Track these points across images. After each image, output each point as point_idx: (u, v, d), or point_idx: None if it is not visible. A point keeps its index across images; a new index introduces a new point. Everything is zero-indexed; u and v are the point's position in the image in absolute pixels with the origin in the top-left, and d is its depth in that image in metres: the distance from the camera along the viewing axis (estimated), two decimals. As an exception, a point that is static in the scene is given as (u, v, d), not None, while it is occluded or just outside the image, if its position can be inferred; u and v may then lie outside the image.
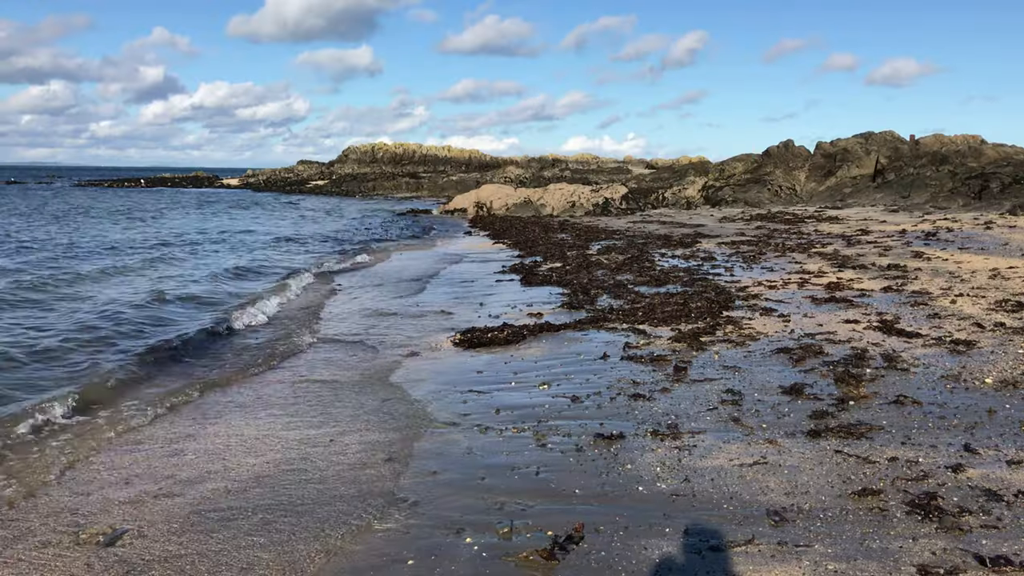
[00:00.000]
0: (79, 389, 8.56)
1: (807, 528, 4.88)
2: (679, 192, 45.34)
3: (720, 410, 7.25)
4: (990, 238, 19.55)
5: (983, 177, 31.52)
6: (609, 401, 7.72)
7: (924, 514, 4.94)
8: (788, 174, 41.66)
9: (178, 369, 10.04)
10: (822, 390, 7.67)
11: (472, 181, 74.86)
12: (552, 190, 44.13)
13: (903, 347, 9.12)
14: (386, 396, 8.48)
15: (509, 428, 7.12)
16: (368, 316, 13.44)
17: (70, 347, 10.84)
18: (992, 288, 12.45)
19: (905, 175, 36.44)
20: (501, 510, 5.41)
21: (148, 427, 7.68)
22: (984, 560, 4.35)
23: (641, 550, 4.71)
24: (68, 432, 7.43)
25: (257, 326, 12.86)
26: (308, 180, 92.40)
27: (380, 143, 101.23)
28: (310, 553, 4.93)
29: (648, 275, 15.77)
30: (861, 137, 42.06)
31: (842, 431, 6.50)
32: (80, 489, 6.10)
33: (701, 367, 8.77)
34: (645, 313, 11.83)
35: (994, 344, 9.02)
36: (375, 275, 19.57)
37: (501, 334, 10.93)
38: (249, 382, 9.38)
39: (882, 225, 24.96)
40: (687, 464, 6.03)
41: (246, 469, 6.44)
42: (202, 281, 18.03)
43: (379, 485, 5.99)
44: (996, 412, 6.83)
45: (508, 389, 8.49)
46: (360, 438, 7.11)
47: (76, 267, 20.18)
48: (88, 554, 4.99)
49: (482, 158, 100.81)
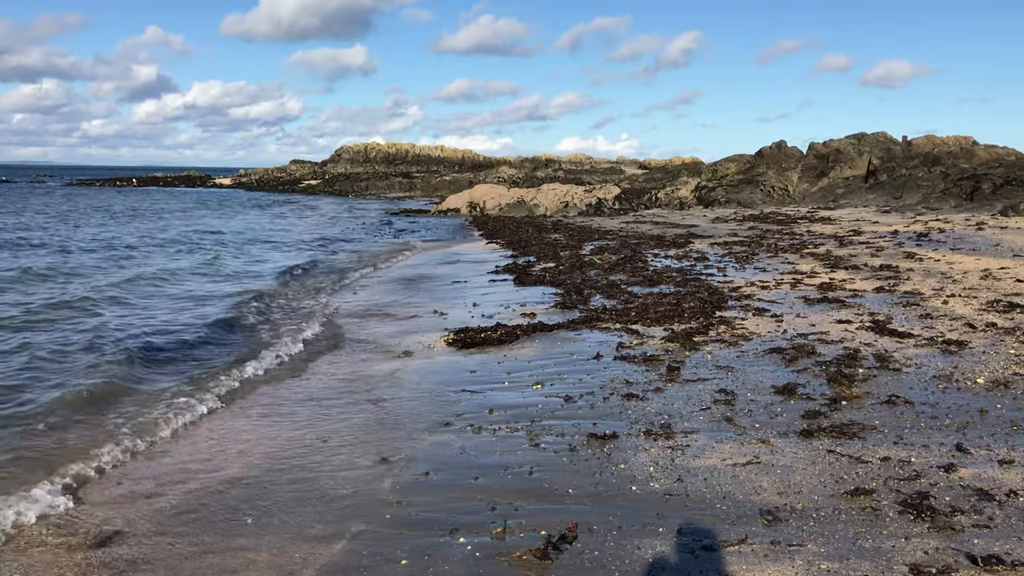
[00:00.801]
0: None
1: (800, 528, 4.89)
2: (672, 192, 45.40)
3: (713, 410, 7.26)
4: (982, 239, 19.63)
5: (975, 178, 31.65)
6: (602, 401, 7.72)
7: (916, 514, 4.96)
8: (781, 175, 41.75)
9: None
10: (815, 390, 7.69)
11: (465, 181, 74.86)
12: (545, 190, 44.16)
13: (895, 347, 9.15)
14: (379, 396, 8.46)
15: (502, 428, 7.11)
16: (360, 316, 13.42)
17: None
18: (984, 289, 12.50)
19: (897, 176, 36.57)
20: (494, 510, 5.40)
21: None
22: (976, 559, 4.36)
23: (635, 550, 4.71)
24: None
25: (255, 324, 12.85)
26: (301, 180, 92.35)
27: (373, 143, 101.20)
28: (302, 553, 4.92)
29: (641, 275, 15.78)
30: (854, 138, 42.18)
31: (835, 431, 6.52)
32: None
33: (694, 367, 8.77)
34: (638, 313, 11.84)
35: (986, 344, 9.05)
36: (368, 274, 19.55)
37: (495, 334, 10.92)
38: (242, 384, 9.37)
39: (874, 226, 25.04)
40: (680, 464, 6.03)
41: (235, 468, 6.42)
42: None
43: (372, 485, 5.98)
44: (988, 412, 6.85)
45: (501, 389, 8.48)
46: (353, 438, 7.10)
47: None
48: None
49: (475, 158, 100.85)
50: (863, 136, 42.20)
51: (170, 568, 4.80)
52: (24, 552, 5.11)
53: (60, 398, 8.29)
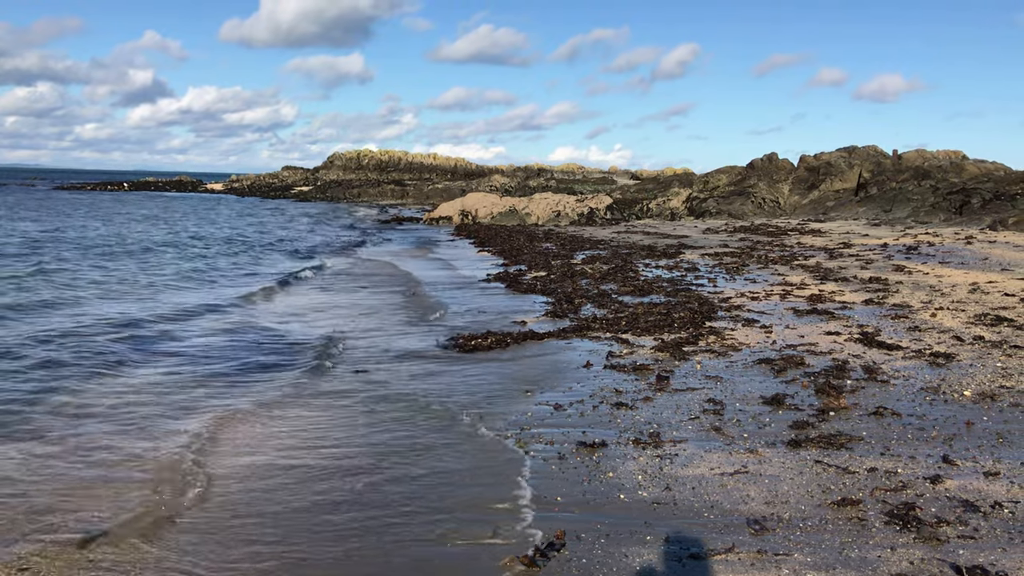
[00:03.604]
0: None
1: (787, 537, 4.91)
2: (663, 203, 45.54)
3: (702, 419, 7.29)
4: (970, 253, 19.76)
5: (964, 192, 31.86)
6: (592, 409, 7.74)
7: (902, 524, 4.99)
8: (772, 187, 41.95)
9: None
10: (803, 401, 7.72)
11: (457, 189, 74.84)
12: (537, 199, 44.21)
13: (883, 359, 9.20)
14: (370, 406, 8.45)
15: (491, 435, 7.12)
16: (351, 319, 13.40)
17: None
18: (972, 302, 12.58)
19: (887, 189, 36.78)
20: (483, 517, 5.40)
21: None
22: (961, 570, 4.39)
23: (622, 557, 4.73)
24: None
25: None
26: (292, 186, 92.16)
27: (365, 150, 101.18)
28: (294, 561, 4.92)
29: (632, 285, 15.83)
30: (844, 151, 42.45)
31: (822, 441, 6.55)
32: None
33: (683, 377, 8.80)
34: (628, 322, 11.87)
35: (973, 357, 9.11)
36: (359, 281, 19.51)
37: (485, 342, 10.94)
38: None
39: (864, 239, 25.17)
40: (668, 473, 6.05)
41: (231, 476, 6.41)
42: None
43: (361, 492, 5.97)
44: (974, 424, 6.90)
45: (491, 396, 8.48)
46: (346, 444, 7.09)
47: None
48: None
49: (468, 166, 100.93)
50: (854, 149, 42.50)
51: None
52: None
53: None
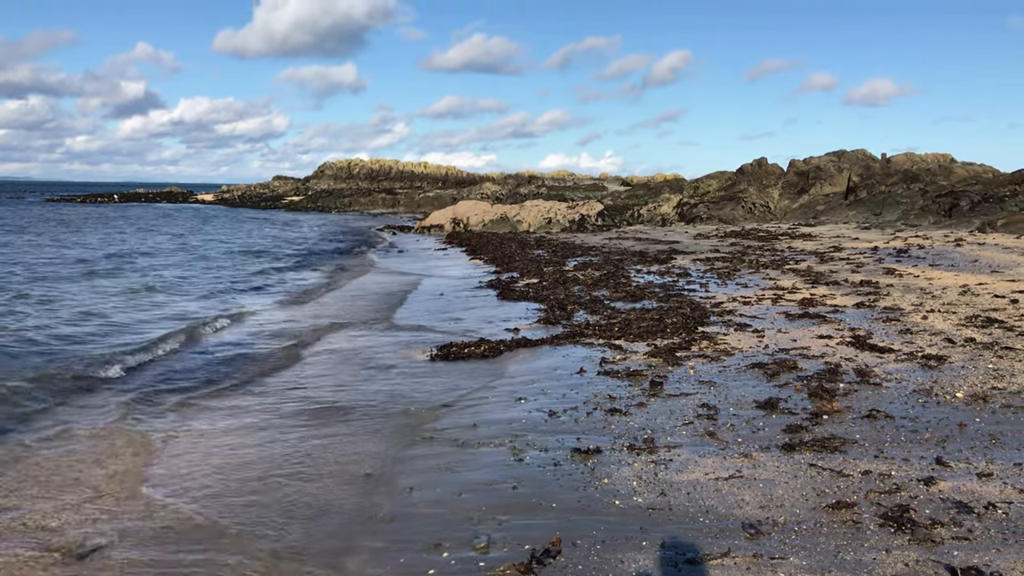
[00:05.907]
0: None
1: (782, 541, 4.91)
2: (654, 209, 45.66)
3: (696, 424, 7.29)
4: (960, 255, 19.84)
5: (953, 195, 32.02)
6: (586, 416, 7.74)
7: (897, 526, 5.00)
8: (762, 191, 42.09)
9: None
10: (796, 404, 7.74)
11: (449, 197, 74.92)
12: (529, 206, 44.27)
13: (876, 362, 9.23)
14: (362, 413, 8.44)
15: (486, 443, 7.11)
16: (344, 327, 13.38)
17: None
18: (962, 304, 12.63)
19: (877, 193, 36.95)
20: (478, 525, 5.39)
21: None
22: (956, 571, 4.40)
23: (618, 563, 4.72)
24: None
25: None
26: (283, 196, 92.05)
27: (356, 159, 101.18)
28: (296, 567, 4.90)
29: (624, 291, 15.85)
30: (834, 155, 42.63)
31: (816, 445, 6.56)
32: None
33: (677, 382, 8.81)
34: (621, 328, 11.89)
35: (964, 359, 9.15)
36: (351, 290, 19.50)
37: (478, 349, 10.94)
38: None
39: (854, 242, 25.26)
40: (663, 478, 6.05)
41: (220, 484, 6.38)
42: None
43: (357, 501, 5.96)
44: (967, 426, 6.92)
45: (485, 404, 8.48)
46: (339, 452, 7.08)
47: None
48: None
49: (459, 174, 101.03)
50: (843, 153, 42.67)
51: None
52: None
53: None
